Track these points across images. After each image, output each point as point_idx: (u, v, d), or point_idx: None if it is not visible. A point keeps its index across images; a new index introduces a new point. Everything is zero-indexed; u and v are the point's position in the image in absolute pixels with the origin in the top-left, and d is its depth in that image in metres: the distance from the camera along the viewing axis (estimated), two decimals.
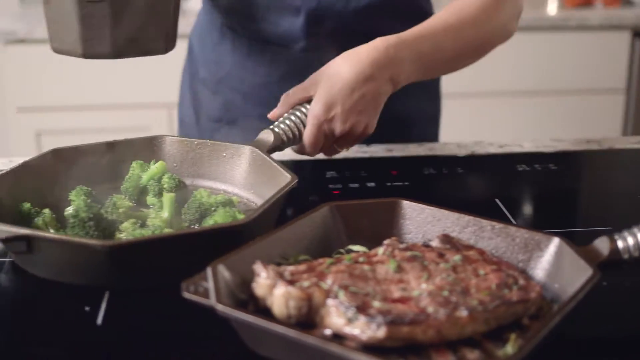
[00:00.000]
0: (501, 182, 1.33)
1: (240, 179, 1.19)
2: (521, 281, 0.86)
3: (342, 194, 1.25)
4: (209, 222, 1.05)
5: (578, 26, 3.17)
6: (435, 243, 0.93)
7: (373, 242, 0.96)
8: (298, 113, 1.24)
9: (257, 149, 1.18)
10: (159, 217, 1.09)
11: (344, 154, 1.34)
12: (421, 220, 1.00)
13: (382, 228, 1.00)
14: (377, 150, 1.47)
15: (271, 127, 1.24)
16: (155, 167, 1.17)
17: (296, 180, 1.07)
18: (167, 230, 1.04)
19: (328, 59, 1.28)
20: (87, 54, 1.13)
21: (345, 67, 1.21)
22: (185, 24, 1.72)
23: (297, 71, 1.47)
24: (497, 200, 1.22)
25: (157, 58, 1.20)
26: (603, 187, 1.35)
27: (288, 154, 1.36)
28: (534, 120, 3.26)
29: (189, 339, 0.88)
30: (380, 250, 0.90)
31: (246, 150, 1.20)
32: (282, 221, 1.03)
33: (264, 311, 0.82)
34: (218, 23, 1.60)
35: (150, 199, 1.15)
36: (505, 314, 0.82)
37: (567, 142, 1.53)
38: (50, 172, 1.17)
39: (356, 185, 1.29)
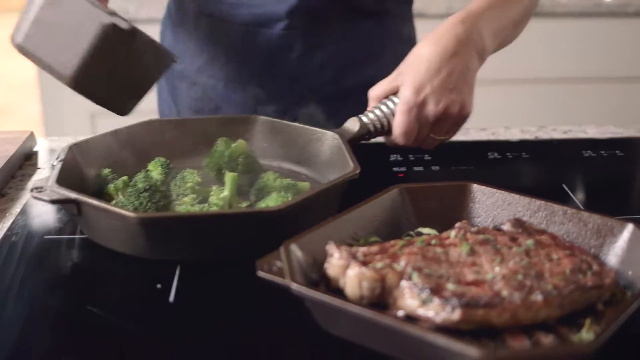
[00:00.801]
0: (567, 167, 1.32)
1: (320, 164, 1.20)
2: (595, 267, 0.85)
3: (407, 177, 1.25)
4: (262, 205, 1.06)
5: (636, 12, 3.12)
6: (506, 227, 0.93)
7: (442, 225, 0.96)
8: (389, 102, 1.21)
9: (338, 136, 1.18)
10: (218, 195, 1.09)
11: None
12: (491, 204, 1.00)
13: (451, 211, 1.00)
14: None
15: (359, 116, 1.22)
16: (235, 146, 1.18)
17: (358, 171, 1.06)
18: (214, 209, 1.06)
19: (310, 37, 1.26)
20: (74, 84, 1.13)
21: (426, 49, 1.17)
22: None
23: (279, 51, 1.46)
24: (564, 186, 1.21)
25: None
26: None
27: None
28: (584, 107, 3.21)
29: (261, 317, 0.89)
30: (452, 233, 0.90)
31: (329, 136, 1.20)
32: (349, 203, 1.04)
33: (336, 291, 0.82)
34: (191, 12, 1.55)
35: (225, 176, 1.16)
36: (579, 299, 0.81)
37: (632, 129, 1.51)
38: (140, 141, 1.21)
39: (420, 168, 1.28)
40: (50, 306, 0.93)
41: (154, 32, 1.87)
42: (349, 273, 0.82)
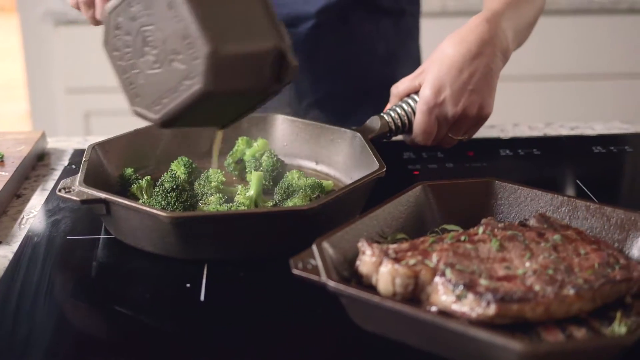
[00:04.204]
0: (579, 163, 1.33)
1: (342, 163, 1.20)
2: (622, 260, 0.86)
3: (422, 175, 1.26)
4: (289, 204, 1.06)
5: (629, 9, 3.14)
6: (532, 222, 0.94)
7: (466, 221, 0.97)
8: (410, 101, 1.21)
9: (360, 135, 1.18)
10: (244, 194, 1.10)
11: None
12: (513, 200, 1.01)
13: (474, 208, 1.01)
14: None
15: (380, 114, 1.22)
16: (256, 145, 1.19)
17: (383, 170, 1.07)
18: (241, 208, 1.06)
19: (336, 36, 1.26)
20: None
21: (450, 49, 1.18)
22: None
23: (305, 52, 1.46)
24: (578, 182, 1.22)
25: None
26: None
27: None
28: (585, 103, 3.23)
29: (292, 314, 0.89)
30: (480, 229, 0.91)
31: (349, 135, 1.21)
32: (368, 200, 1.05)
33: (368, 288, 0.83)
34: None
35: (248, 175, 1.17)
36: (609, 292, 0.82)
37: (638, 124, 1.53)
38: (160, 141, 1.21)
39: (434, 166, 1.29)
40: (80, 307, 0.93)
41: None
42: (382, 270, 0.82)
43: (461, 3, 3.02)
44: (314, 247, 0.84)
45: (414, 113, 1.20)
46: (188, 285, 0.94)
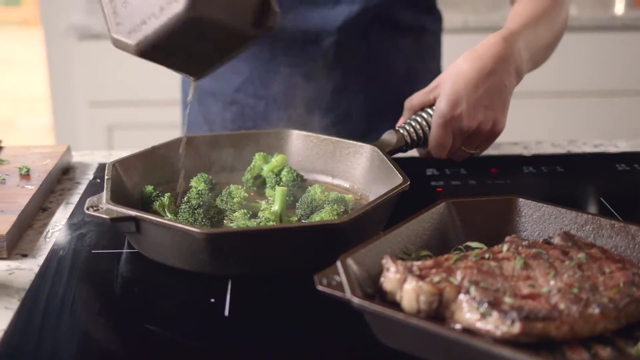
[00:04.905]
0: (603, 181, 1.32)
1: (360, 177, 1.21)
2: None
3: (445, 191, 1.26)
4: (316, 219, 1.07)
5: None
6: (557, 240, 0.94)
7: (489, 238, 0.97)
8: (424, 114, 1.24)
9: (378, 149, 1.19)
10: (269, 210, 1.10)
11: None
12: (537, 218, 1.01)
13: (498, 225, 1.01)
14: None
15: (396, 128, 1.24)
16: (275, 160, 1.20)
17: (408, 183, 1.07)
18: (270, 223, 1.07)
19: (357, 53, 1.27)
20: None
21: (466, 64, 1.20)
22: None
23: (326, 67, 1.47)
24: (602, 200, 1.22)
25: None
26: None
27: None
28: (601, 120, 3.23)
29: (316, 330, 0.90)
30: (504, 247, 0.91)
31: (367, 149, 1.21)
32: (390, 217, 1.05)
33: (391, 305, 0.83)
34: None
35: (268, 191, 1.18)
36: (634, 311, 0.82)
37: None
38: (177, 158, 1.21)
39: (458, 182, 1.29)
40: (105, 321, 0.94)
41: None
42: (406, 287, 0.83)
43: (482, 19, 3.02)
44: (339, 264, 0.84)
45: (429, 126, 1.23)
46: (212, 300, 0.95)
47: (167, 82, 3.04)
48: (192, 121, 1.68)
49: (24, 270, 1.03)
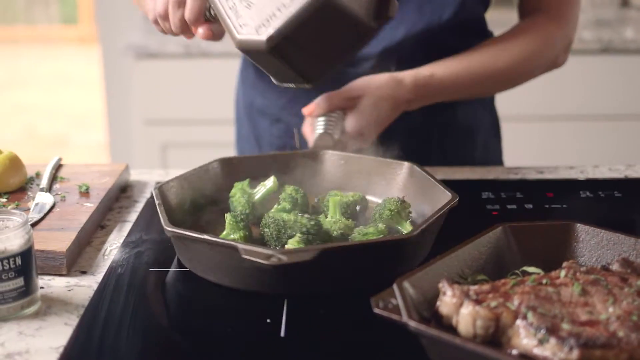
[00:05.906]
0: None
1: (399, 194, 1.20)
2: None
3: (501, 215, 1.25)
4: (370, 230, 1.07)
5: None
6: (615, 267, 0.93)
7: (546, 263, 0.97)
8: (336, 116, 1.34)
9: (416, 165, 1.21)
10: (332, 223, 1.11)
11: (497, 175, 1.34)
12: (595, 244, 1.00)
13: (555, 250, 1.00)
14: (528, 172, 1.47)
15: (327, 132, 1.33)
16: (271, 184, 1.21)
17: (457, 199, 1.08)
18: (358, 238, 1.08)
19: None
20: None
21: (387, 104, 1.37)
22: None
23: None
24: None
25: None
26: None
27: (444, 172, 1.37)
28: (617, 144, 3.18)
29: (372, 352, 0.90)
30: (562, 272, 0.90)
31: (405, 166, 1.23)
32: (447, 240, 1.05)
33: (447, 329, 0.83)
34: None
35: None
36: None
37: None
38: (215, 179, 1.24)
39: (514, 206, 1.29)
40: (162, 340, 0.95)
41: (233, 66, 1.89)
42: (463, 311, 0.82)
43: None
44: (395, 287, 0.84)
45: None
46: (268, 320, 0.95)
47: (220, 101, 3.08)
48: (242, 135, 1.74)
49: (82, 287, 1.05)
